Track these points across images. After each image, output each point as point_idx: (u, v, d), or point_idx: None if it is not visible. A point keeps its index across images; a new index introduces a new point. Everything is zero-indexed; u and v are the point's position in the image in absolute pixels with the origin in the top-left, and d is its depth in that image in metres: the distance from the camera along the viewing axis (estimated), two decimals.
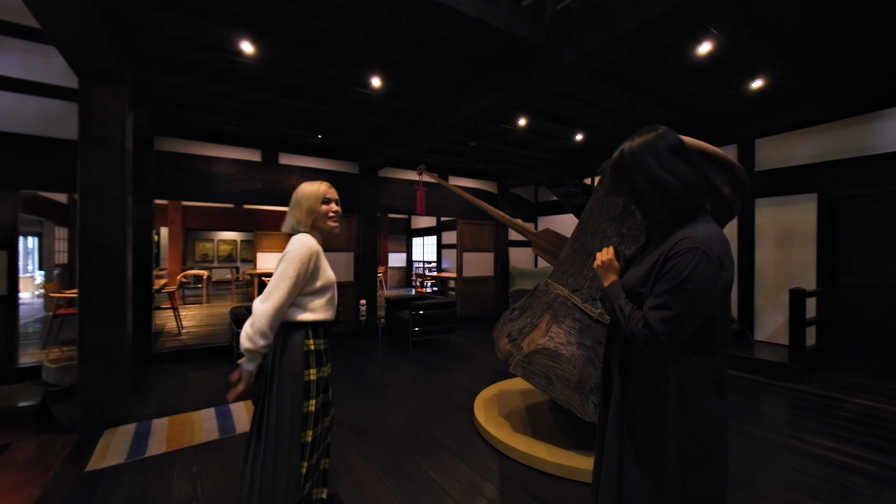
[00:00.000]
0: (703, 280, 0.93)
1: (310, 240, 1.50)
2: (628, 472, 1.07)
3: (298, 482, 1.42)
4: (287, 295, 1.42)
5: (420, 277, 11.59)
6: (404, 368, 4.23)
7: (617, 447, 1.09)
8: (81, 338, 2.71)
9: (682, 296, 0.93)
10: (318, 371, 1.51)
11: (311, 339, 1.51)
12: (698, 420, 1.00)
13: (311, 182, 1.61)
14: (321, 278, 1.52)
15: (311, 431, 1.46)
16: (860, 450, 2.49)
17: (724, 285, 0.96)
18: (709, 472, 1.02)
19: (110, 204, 2.79)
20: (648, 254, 1.09)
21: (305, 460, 1.44)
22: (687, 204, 1.01)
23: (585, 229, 2.48)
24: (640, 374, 1.06)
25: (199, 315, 7.11)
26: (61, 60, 3.25)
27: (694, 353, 1.00)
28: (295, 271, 1.42)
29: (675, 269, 0.95)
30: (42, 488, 2.08)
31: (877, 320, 3.91)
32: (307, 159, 5.50)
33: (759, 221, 4.66)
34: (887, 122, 3.81)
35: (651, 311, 0.96)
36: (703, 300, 0.94)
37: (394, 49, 3.00)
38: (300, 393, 1.45)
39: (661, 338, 0.94)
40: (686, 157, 1.02)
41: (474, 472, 2.26)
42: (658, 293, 0.97)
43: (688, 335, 0.96)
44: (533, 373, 2.26)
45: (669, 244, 0.99)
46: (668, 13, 2.03)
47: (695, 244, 0.94)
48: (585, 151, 5.74)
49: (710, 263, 0.93)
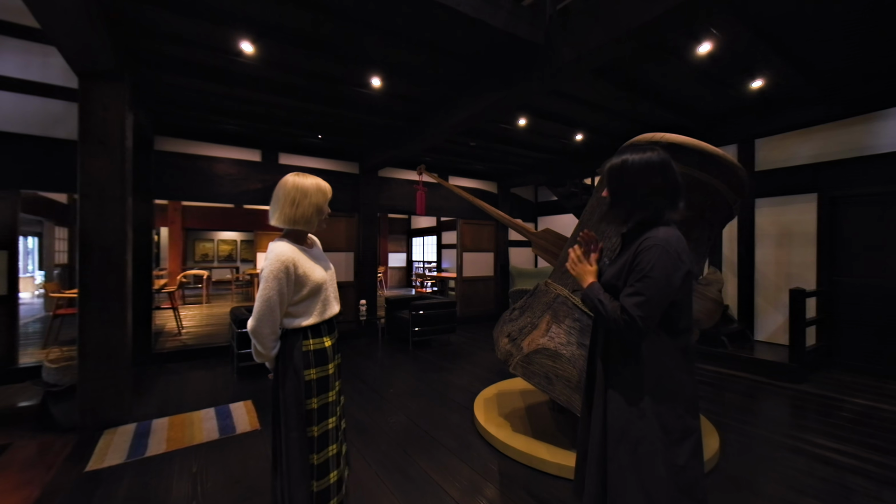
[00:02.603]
0: (665, 269, 1.12)
1: (285, 249, 1.43)
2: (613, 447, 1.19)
3: (310, 473, 1.47)
4: (268, 311, 1.39)
5: (420, 277, 11.59)
6: (404, 368, 4.23)
7: (601, 425, 1.23)
8: (81, 338, 2.71)
9: (649, 283, 1.12)
10: (320, 370, 1.51)
11: (311, 339, 1.50)
12: (671, 394, 1.17)
13: (306, 176, 1.51)
14: (307, 284, 1.46)
15: (317, 427, 1.49)
16: (860, 450, 2.49)
17: (682, 274, 1.15)
18: (686, 440, 1.17)
19: (110, 204, 2.79)
20: (622, 254, 1.28)
21: (314, 453, 1.48)
22: (653, 215, 1.21)
23: (585, 229, 2.48)
24: (617, 356, 1.23)
25: (199, 315, 7.11)
26: (61, 60, 3.25)
27: (663, 333, 1.19)
28: (272, 290, 1.38)
29: (642, 263, 1.14)
30: (42, 488, 2.08)
31: (877, 320, 3.91)
32: (307, 159, 5.50)
33: (759, 221, 4.66)
34: (887, 122, 3.81)
35: (626, 297, 1.14)
36: (665, 285, 1.12)
37: (394, 49, 2.99)
38: (302, 392, 1.47)
39: (637, 320, 1.10)
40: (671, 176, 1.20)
41: (474, 472, 2.26)
42: (631, 283, 1.15)
43: (656, 316, 1.13)
44: (533, 373, 2.26)
45: (637, 244, 1.19)
46: (669, 13, 2.03)
47: (656, 242, 1.15)
48: (585, 151, 5.74)
49: (669, 256, 1.13)
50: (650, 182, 1.19)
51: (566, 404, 2.17)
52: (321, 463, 1.50)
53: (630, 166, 1.21)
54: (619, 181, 1.24)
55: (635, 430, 1.16)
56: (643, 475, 1.14)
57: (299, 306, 1.48)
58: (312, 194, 1.49)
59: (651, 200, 1.20)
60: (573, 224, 6.65)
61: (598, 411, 1.25)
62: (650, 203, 1.20)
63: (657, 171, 1.19)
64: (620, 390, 1.20)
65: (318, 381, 1.50)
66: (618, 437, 1.18)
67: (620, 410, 1.19)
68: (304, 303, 1.49)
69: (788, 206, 4.45)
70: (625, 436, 1.17)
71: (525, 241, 7.05)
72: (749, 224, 4.71)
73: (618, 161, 1.25)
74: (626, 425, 1.17)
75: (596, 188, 2.56)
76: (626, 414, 1.18)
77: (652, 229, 1.19)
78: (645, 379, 1.18)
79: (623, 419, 1.18)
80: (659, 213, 1.21)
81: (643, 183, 1.19)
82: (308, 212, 1.48)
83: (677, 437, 1.16)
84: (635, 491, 1.13)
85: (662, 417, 1.16)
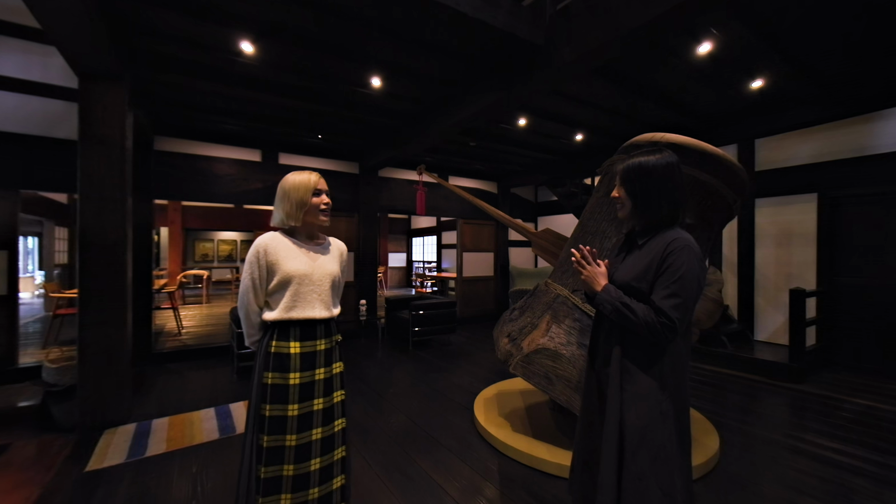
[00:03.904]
0: (695, 270, 1.13)
1: (265, 236, 1.43)
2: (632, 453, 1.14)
3: (255, 485, 1.34)
4: (242, 295, 1.43)
5: (420, 277, 11.59)
6: (404, 368, 4.23)
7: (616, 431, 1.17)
8: (81, 338, 2.71)
9: (684, 284, 1.11)
10: (278, 376, 1.37)
11: (275, 340, 1.40)
12: (684, 392, 1.19)
13: (299, 172, 1.47)
14: (277, 273, 1.40)
15: (266, 437, 1.35)
16: (860, 450, 2.49)
17: (704, 277, 1.17)
18: (687, 440, 1.19)
19: (110, 204, 2.79)
20: (636, 252, 1.26)
21: (261, 465, 1.34)
22: (675, 215, 1.23)
23: (585, 229, 2.48)
24: (639, 359, 1.20)
25: (199, 315, 7.11)
26: (61, 60, 3.25)
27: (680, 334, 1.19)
28: (245, 274, 1.41)
29: (675, 264, 1.13)
30: (42, 488, 2.08)
31: (877, 320, 3.91)
32: (307, 159, 5.50)
33: (759, 221, 4.66)
34: (887, 122, 3.81)
35: (664, 300, 1.12)
36: (697, 287, 1.13)
37: (394, 49, 2.99)
38: (258, 395, 1.38)
39: (676, 322, 1.09)
40: (681, 178, 1.23)
41: (474, 472, 2.26)
42: (665, 285, 1.13)
43: (691, 317, 1.14)
44: (533, 373, 2.26)
45: (662, 244, 1.17)
46: (669, 13, 2.03)
47: (686, 243, 1.15)
48: (585, 151, 5.74)
49: (697, 257, 1.14)
50: (675, 182, 1.20)
51: (566, 404, 2.17)
52: (269, 478, 1.34)
53: (654, 167, 1.20)
54: (643, 183, 1.22)
55: (658, 435, 1.12)
56: (665, 484, 1.09)
57: (272, 297, 1.44)
58: (296, 189, 1.45)
59: (678, 200, 1.21)
60: (573, 224, 6.65)
61: (612, 416, 1.19)
62: (677, 203, 1.21)
63: (678, 172, 1.21)
64: (640, 393, 1.16)
65: (273, 388, 1.37)
66: (637, 441, 1.13)
67: (640, 413, 1.14)
68: (275, 294, 1.43)
69: (788, 206, 4.44)
70: (644, 440, 1.12)
71: (525, 241, 7.05)
72: (749, 224, 4.70)
73: (635, 163, 1.23)
74: (647, 430, 1.13)
75: (596, 188, 2.56)
76: (645, 417, 1.13)
77: (671, 230, 1.20)
78: (665, 381, 1.16)
79: (643, 423, 1.13)
80: (679, 213, 1.22)
81: (669, 184, 1.20)
82: (290, 208, 1.45)
83: (686, 437, 1.16)
84: (659, 502, 1.09)
85: (681, 421, 1.15)
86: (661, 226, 1.22)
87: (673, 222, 1.22)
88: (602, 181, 2.47)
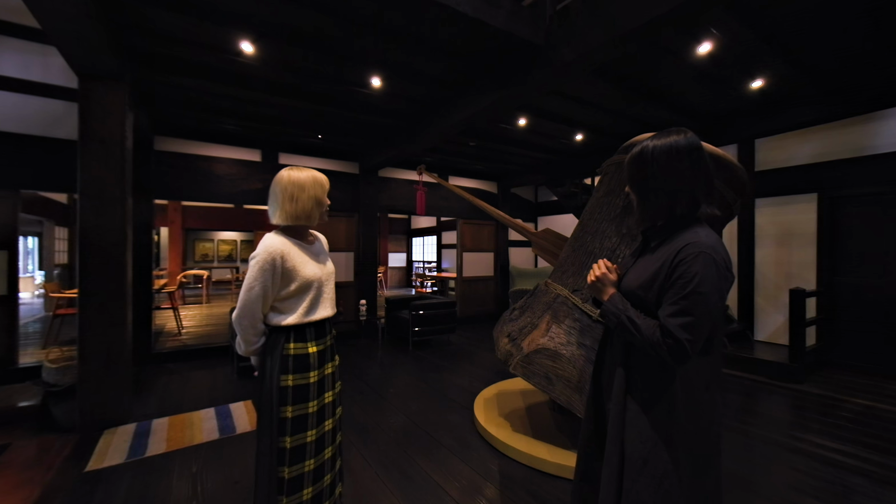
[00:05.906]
0: (714, 283, 0.94)
1: (276, 241, 1.38)
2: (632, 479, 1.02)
3: (278, 486, 1.37)
4: (249, 303, 1.35)
5: (420, 277, 11.59)
6: (404, 368, 4.23)
7: (618, 452, 1.06)
8: (81, 338, 2.71)
9: (697, 300, 0.93)
10: (299, 377, 1.40)
11: (293, 342, 1.41)
12: (702, 418, 1.02)
13: (300, 169, 1.44)
14: (296, 279, 1.39)
15: (290, 438, 1.37)
16: (860, 450, 2.49)
17: (729, 286, 0.98)
18: (711, 469, 1.03)
19: (110, 204, 2.79)
20: (647, 255, 1.10)
21: (285, 466, 1.37)
22: (691, 209, 1.03)
23: (585, 229, 2.48)
24: (645, 377, 1.05)
25: (199, 315, 7.11)
26: (61, 60, 3.25)
27: (700, 353, 1.00)
28: (256, 281, 1.34)
29: (686, 274, 0.95)
30: (42, 488, 2.08)
31: (876, 320, 3.91)
32: (307, 159, 5.50)
33: (759, 221, 4.66)
34: (887, 122, 3.81)
35: (670, 318, 0.95)
36: (716, 302, 0.94)
37: (393, 49, 2.99)
38: (276, 398, 1.37)
39: (685, 344, 0.92)
40: (701, 163, 1.03)
41: (474, 472, 2.26)
42: (674, 300, 0.96)
43: (705, 338, 0.95)
44: (533, 373, 2.26)
45: (674, 249, 1.00)
46: (669, 13, 2.03)
47: (702, 249, 0.95)
48: (585, 151, 5.74)
49: (718, 266, 0.95)
50: (677, 169, 1.01)
51: (566, 404, 2.17)
52: (293, 477, 1.38)
53: (651, 153, 1.03)
54: (640, 171, 1.06)
55: (660, 462, 0.98)
56: None
57: (285, 302, 1.41)
58: (310, 187, 1.42)
59: (679, 191, 1.02)
60: (573, 224, 6.65)
61: (614, 436, 1.05)
62: (678, 194, 1.02)
63: (684, 156, 1.01)
64: (644, 412, 1.02)
65: (294, 389, 1.39)
66: (638, 467, 1.00)
67: (643, 437, 1.00)
68: (291, 300, 1.41)
69: (788, 206, 4.44)
70: (647, 466, 0.99)
71: (525, 241, 7.05)
72: (749, 224, 4.70)
73: (637, 150, 1.07)
74: (650, 455, 0.99)
75: (596, 188, 2.56)
76: (649, 442, 1.00)
77: (688, 229, 1.02)
78: (675, 401, 1.00)
79: (646, 448, 1.00)
80: (692, 207, 1.03)
81: (669, 171, 1.02)
82: (308, 206, 1.42)
83: (703, 465, 1.01)
84: None
85: (692, 444, 1.00)
86: (675, 226, 1.04)
87: (689, 220, 1.03)
88: (602, 181, 2.47)
